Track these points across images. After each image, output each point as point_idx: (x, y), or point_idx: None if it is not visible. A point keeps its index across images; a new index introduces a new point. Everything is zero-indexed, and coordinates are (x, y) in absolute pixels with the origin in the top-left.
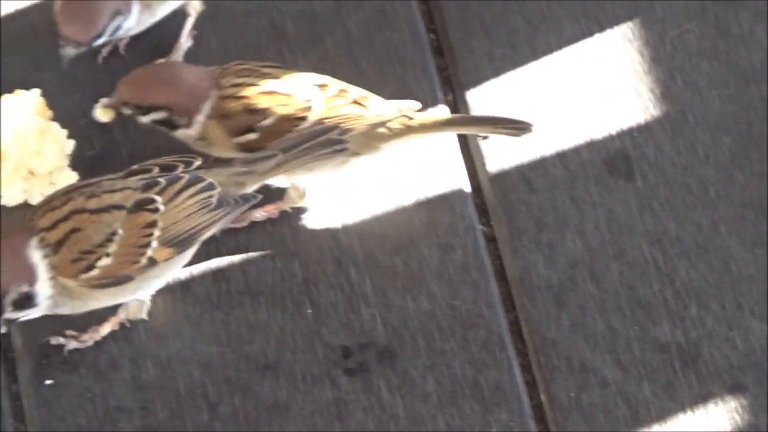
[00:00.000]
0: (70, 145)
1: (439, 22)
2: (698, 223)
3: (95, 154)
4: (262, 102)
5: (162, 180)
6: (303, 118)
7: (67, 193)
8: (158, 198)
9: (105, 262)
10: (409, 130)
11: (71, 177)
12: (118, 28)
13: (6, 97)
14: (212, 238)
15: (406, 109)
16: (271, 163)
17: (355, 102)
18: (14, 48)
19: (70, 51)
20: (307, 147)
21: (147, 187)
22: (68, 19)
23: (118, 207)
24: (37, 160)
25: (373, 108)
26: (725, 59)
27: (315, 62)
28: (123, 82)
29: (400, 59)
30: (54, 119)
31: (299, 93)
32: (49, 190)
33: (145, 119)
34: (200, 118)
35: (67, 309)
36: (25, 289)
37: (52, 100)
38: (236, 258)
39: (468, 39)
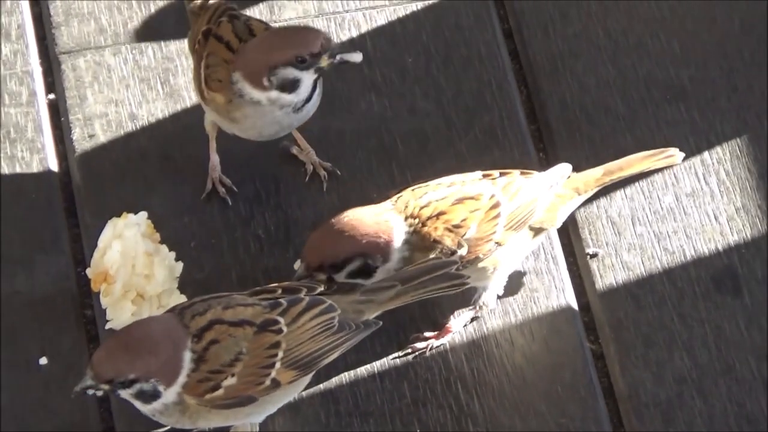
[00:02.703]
0: (179, 267)
1: (548, 142)
2: None
3: (204, 277)
4: (457, 214)
5: (284, 301)
6: (498, 215)
7: (205, 300)
8: (281, 319)
9: (230, 382)
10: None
11: (180, 299)
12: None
13: (114, 220)
14: None
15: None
16: (390, 293)
17: (523, 173)
18: (122, 172)
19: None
20: (425, 280)
21: (271, 308)
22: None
23: (250, 323)
24: (146, 283)
25: (535, 176)
26: None
27: None
28: (308, 250)
29: None
30: (162, 242)
31: (482, 191)
32: (158, 313)
33: (340, 277)
34: (397, 246)
35: (170, 421)
36: (160, 387)
37: (159, 223)
38: (345, 378)
39: (577, 158)
